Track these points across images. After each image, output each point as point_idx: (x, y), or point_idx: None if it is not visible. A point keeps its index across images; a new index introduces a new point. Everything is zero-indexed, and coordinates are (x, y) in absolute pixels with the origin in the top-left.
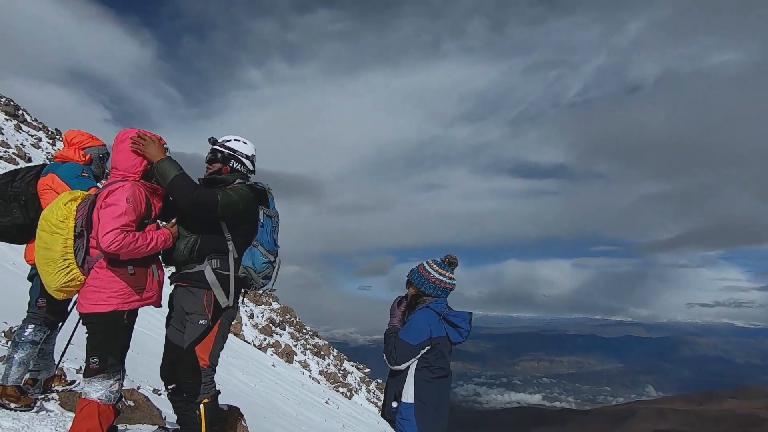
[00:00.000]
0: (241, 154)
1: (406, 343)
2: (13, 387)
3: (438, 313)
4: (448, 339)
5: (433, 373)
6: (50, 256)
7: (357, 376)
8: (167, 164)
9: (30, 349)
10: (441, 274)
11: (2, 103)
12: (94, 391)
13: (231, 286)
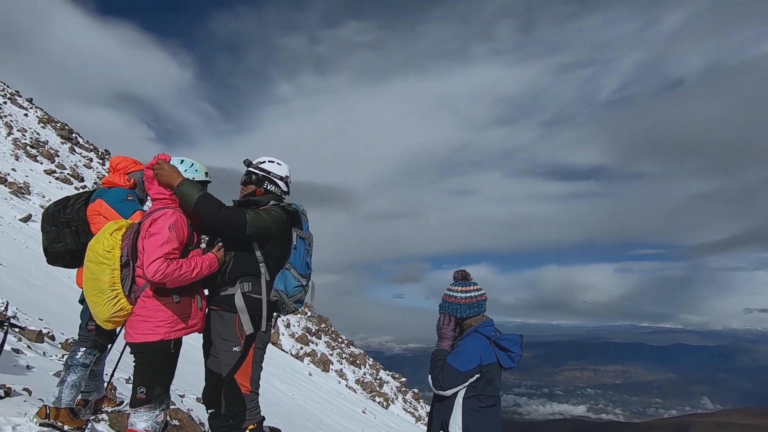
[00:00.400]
0: (275, 175)
1: (455, 369)
2: (66, 409)
3: (488, 338)
4: (499, 364)
5: (482, 402)
6: (98, 287)
7: (393, 385)
8: (187, 187)
9: (81, 371)
10: (467, 292)
11: (58, 127)
12: (141, 421)
13: (264, 311)
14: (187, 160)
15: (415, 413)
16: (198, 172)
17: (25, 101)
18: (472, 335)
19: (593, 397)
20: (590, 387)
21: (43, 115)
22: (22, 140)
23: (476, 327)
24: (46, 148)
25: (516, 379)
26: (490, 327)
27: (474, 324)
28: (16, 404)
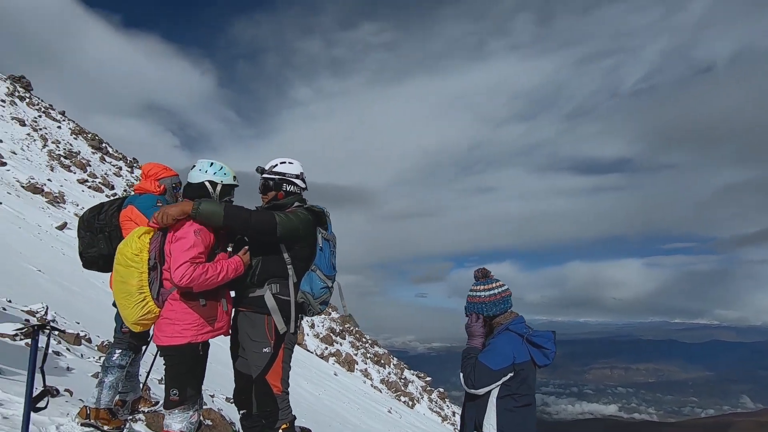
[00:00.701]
0: (290, 175)
1: (487, 368)
2: (105, 410)
3: (520, 335)
4: (533, 362)
5: (517, 402)
6: (127, 290)
7: (418, 385)
8: (205, 206)
9: (118, 372)
10: (490, 289)
11: (89, 137)
12: (176, 422)
13: (292, 312)
14: (216, 163)
15: (441, 413)
16: (227, 176)
17: (58, 114)
18: (504, 333)
19: (625, 396)
20: (621, 385)
21: (75, 126)
22: (56, 151)
23: (507, 324)
24: (79, 159)
25: (544, 378)
26: (522, 324)
27: (504, 321)
28: (58, 405)
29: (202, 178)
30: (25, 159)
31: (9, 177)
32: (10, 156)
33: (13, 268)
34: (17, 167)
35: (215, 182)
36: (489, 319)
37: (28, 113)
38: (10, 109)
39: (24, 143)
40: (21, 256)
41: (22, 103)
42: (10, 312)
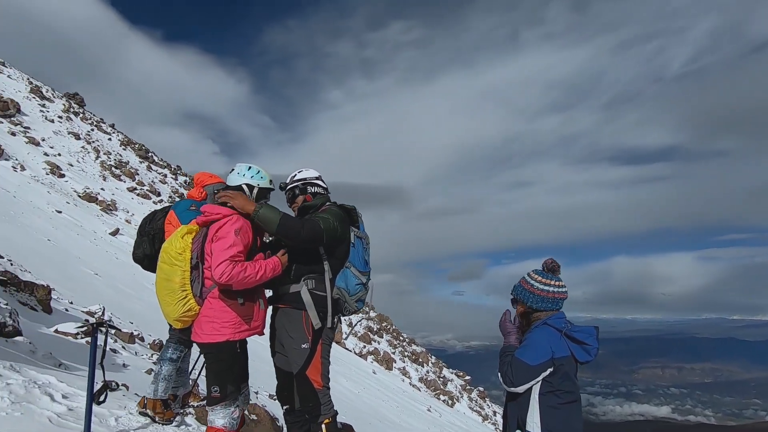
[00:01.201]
0: (311, 178)
1: (525, 364)
2: (159, 401)
3: (559, 330)
4: (573, 358)
5: (560, 398)
6: (170, 287)
7: (457, 383)
8: (266, 211)
9: (171, 365)
10: (547, 285)
11: (136, 148)
12: (218, 418)
13: (329, 307)
14: (254, 167)
15: (482, 412)
16: (263, 179)
17: (109, 127)
18: (541, 327)
19: (678, 397)
20: (674, 386)
21: (124, 138)
22: (107, 162)
23: (545, 319)
24: (128, 168)
25: (588, 377)
26: (561, 319)
27: (543, 317)
28: (116, 398)
29: (239, 181)
30: (80, 170)
31: (67, 188)
32: (67, 168)
33: (74, 272)
34: (74, 178)
35: (252, 185)
36: (530, 311)
37: (82, 127)
38: (66, 125)
39: (79, 155)
40: (79, 261)
41: (76, 119)
42: (72, 313)
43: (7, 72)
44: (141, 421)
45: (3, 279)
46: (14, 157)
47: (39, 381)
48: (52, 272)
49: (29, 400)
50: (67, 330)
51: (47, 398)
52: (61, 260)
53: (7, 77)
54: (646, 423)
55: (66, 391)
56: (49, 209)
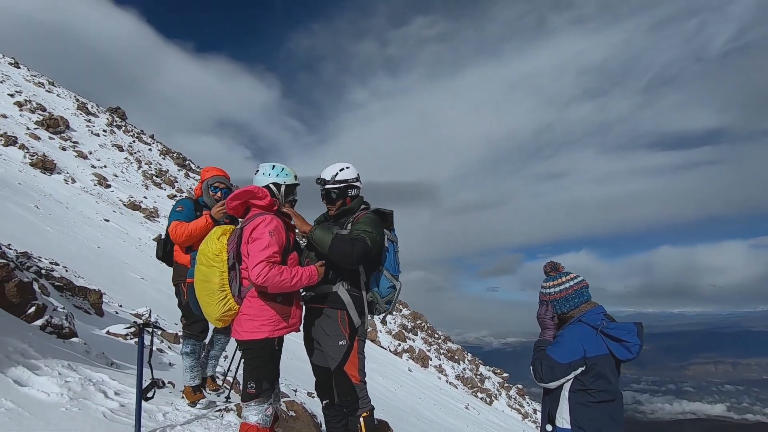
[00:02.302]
0: (352, 180)
1: (554, 361)
2: (189, 387)
3: (594, 327)
4: (612, 356)
5: (593, 397)
6: (209, 288)
7: (495, 381)
8: (319, 233)
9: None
10: (558, 284)
11: (174, 156)
12: (252, 414)
13: (365, 306)
14: (277, 165)
15: (521, 410)
16: (288, 176)
17: (149, 138)
18: (574, 325)
19: (734, 394)
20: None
21: (163, 147)
22: (149, 171)
23: (579, 316)
24: (167, 176)
25: (633, 374)
26: (599, 315)
27: (577, 314)
28: (163, 395)
29: (266, 182)
30: (125, 180)
31: (113, 197)
32: (113, 178)
33: (121, 277)
34: (119, 188)
35: (279, 183)
36: (563, 314)
37: (125, 139)
38: (110, 138)
39: (123, 166)
40: (126, 266)
41: (119, 131)
42: (121, 315)
43: (56, 91)
44: (186, 416)
45: (60, 285)
46: (65, 170)
47: (93, 379)
48: (103, 278)
49: (85, 396)
50: (117, 331)
51: (101, 395)
52: (110, 266)
53: (56, 96)
54: (698, 422)
55: (118, 389)
56: (97, 218)
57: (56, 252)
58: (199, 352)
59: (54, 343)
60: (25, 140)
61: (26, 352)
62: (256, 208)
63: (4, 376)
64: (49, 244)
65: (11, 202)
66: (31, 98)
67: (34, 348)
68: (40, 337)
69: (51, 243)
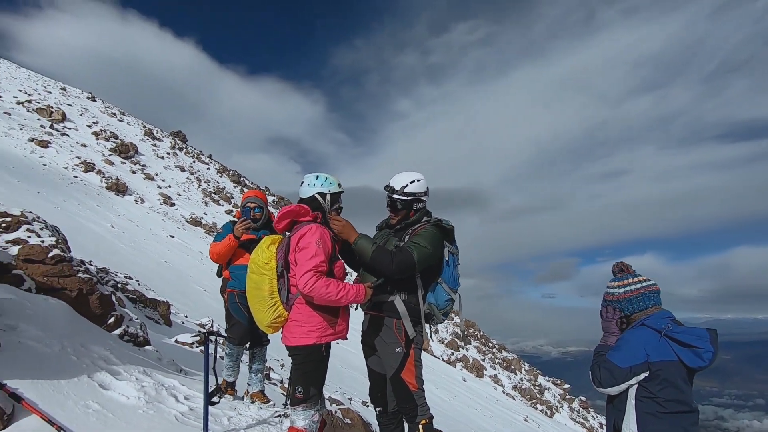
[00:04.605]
0: (419, 194)
1: (614, 365)
2: (225, 380)
3: (658, 331)
4: (682, 363)
5: (663, 407)
6: (260, 295)
7: (555, 392)
8: (363, 242)
9: (227, 359)
10: (626, 285)
11: (230, 174)
12: (299, 419)
13: (422, 317)
14: (321, 175)
15: (585, 423)
16: (332, 185)
17: (207, 158)
18: (637, 328)
19: None
20: None
21: (220, 166)
22: (208, 189)
23: (642, 319)
24: (224, 193)
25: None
26: (664, 319)
27: (642, 317)
28: (227, 400)
29: (311, 192)
30: (187, 198)
31: (177, 214)
32: (176, 197)
33: (187, 289)
34: (182, 206)
35: (324, 193)
36: (627, 317)
37: (186, 160)
38: (173, 159)
39: (185, 185)
40: (190, 279)
41: (181, 153)
42: (187, 325)
43: (126, 120)
44: (248, 421)
45: (133, 297)
46: (135, 192)
47: (165, 384)
48: (170, 290)
49: (159, 400)
50: (184, 340)
51: (173, 399)
52: (176, 279)
53: (126, 124)
54: None
55: (187, 393)
56: (164, 235)
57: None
58: (237, 355)
59: (131, 351)
60: (102, 166)
61: (108, 359)
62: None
63: (91, 381)
64: (124, 260)
65: (92, 222)
66: (105, 128)
67: (114, 355)
68: (119, 345)
69: (125, 259)
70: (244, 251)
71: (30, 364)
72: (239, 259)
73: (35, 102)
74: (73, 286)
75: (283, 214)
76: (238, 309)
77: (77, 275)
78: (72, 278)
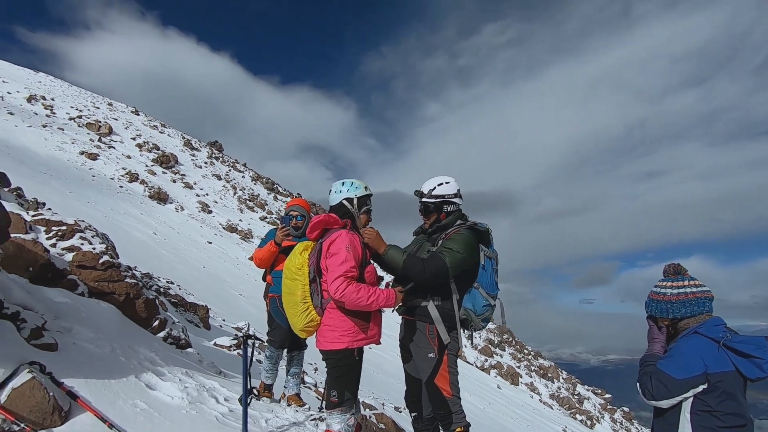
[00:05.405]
0: (449, 196)
1: (668, 376)
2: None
3: (715, 340)
4: (739, 374)
5: (722, 421)
6: (293, 300)
7: (596, 402)
8: (393, 252)
9: (266, 361)
10: (680, 287)
11: (264, 181)
12: (335, 423)
13: (457, 323)
14: (347, 181)
15: None
16: (358, 189)
17: (242, 166)
18: (691, 336)
19: None
20: None
21: (254, 174)
22: (243, 197)
23: (696, 327)
24: (259, 200)
25: None
26: (719, 327)
27: (692, 324)
28: (265, 403)
29: (339, 199)
30: (223, 206)
31: (214, 221)
32: (213, 205)
33: (223, 294)
34: (219, 213)
35: (350, 198)
36: (674, 322)
37: (222, 169)
38: (210, 168)
39: (221, 193)
40: (227, 284)
41: (217, 162)
42: (225, 328)
43: (167, 132)
44: (285, 423)
45: (174, 301)
46: (176, 200)
47: (206, 385)
48: (208, 294)
49: (201, 401)
50: (222, 343)
51: (213, 400)
52: (214, 284)
53: (167, 136)
54: None
55: (226, 395)
56: (202, 241)
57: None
58: (276, 358)
59: (174, 353)
60: (145, 176)
61: (154, 360)
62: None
63: (138, 381)
64: (166, 265)
65: (136, 230)
66: (148, 140)
67: (159, 356)
68: (163, 347)
69: (167, 264)
70: (285, 257)
71: (84, 364)
72: (280, 264)
73: (85, 117)
74: (122, 291)
75: (314, 224)
76: (278, 313)
77: (125, 280)
78: (120, 283)
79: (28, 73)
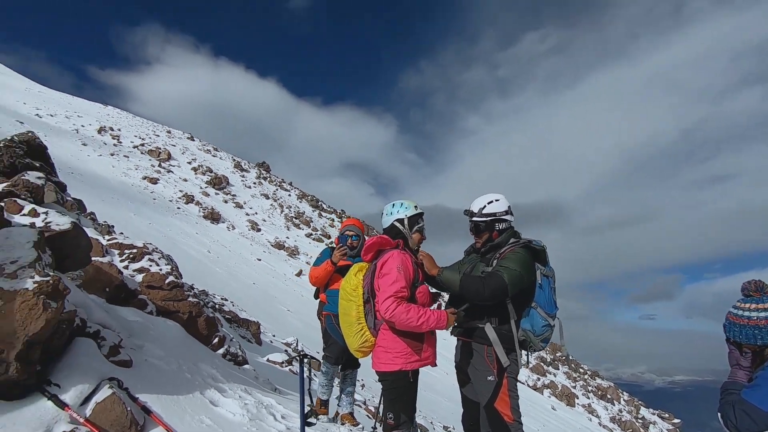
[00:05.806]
0: (500, 213)
1: (753, 407)
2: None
3: None
4: None
5: None
6: (348, 321)
7: (663, 427)
8: (448, 273)
9: (322, 377)
10: (762, 310)
11: (309, 199)
12: None
13: (516, 345)
14: (396, 202)
15: None
16: (408, 209)
17: (288, 185)
18: None
19: None
20: None
21: (299, 192)
22: (289, 214)
23: None
24: (304, 217)
25: None
26: None
27: None
28: (321, 421)
29: (390, 221)
30: (271, 224)
31: (263, 239)
32: (262, 223)
33: (272, 309)
34: (267, 231)
35: (401, 218)
36: (760, 349)
37: (269, 189)
38: (259, 188)
39: (269, 212)
40: (275, 300)
41: (265, 182)
42: (275, 344)
43: (219, 155)
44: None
45: (228, 317)
46: (227, 219)
47: (264, 402)
48: (258, 310)
49: (260, 418)
50: (275, 359)
51: (271, 417)
52: (263, 300)
53: (219, 159)
54: None
55: (283, 412)
56: (252, 258)
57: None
58: (332, 374)
59: (233, 369)
60: (200, 197)
61: (215, 377)
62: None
63: (202, 397)
64: (219, 282)
65: (192, 249)
66: (202, 163)
67: (220, 373)
68: (223, 364)
69: (220, 281)
70: (340, 276)
71: (155, 380)
72: (335, 283)
73: (147, 145)
74: (185, 309)
75: (368, 246)
76: (335, 330)
77: (188, 299)
78: (184, 302)
79: (99, 107)
